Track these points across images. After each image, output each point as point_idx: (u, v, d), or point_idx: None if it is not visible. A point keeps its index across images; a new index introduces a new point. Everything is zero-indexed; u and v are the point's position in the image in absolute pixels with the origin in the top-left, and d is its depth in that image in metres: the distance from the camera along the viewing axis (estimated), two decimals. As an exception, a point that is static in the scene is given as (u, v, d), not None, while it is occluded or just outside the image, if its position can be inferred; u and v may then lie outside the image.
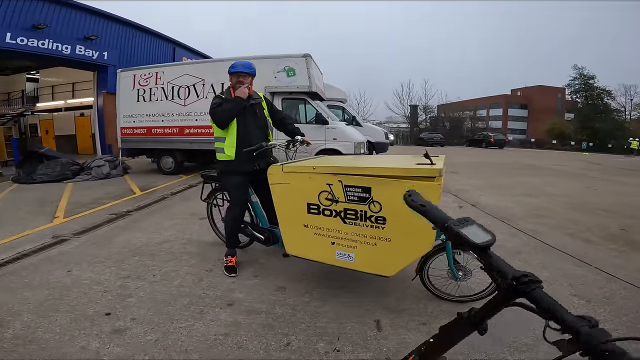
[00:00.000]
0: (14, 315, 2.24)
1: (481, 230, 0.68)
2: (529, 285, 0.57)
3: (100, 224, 4.30)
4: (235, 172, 2.79)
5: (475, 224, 0.69)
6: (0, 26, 9.94)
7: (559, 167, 12.64)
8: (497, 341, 1.96)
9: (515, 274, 0.59)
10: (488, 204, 5.68)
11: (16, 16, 10.38)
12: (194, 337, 2.04)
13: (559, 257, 3.36)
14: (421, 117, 39.63)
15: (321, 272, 2.88)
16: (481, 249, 0.65)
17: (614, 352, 0.45)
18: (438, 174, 1.96)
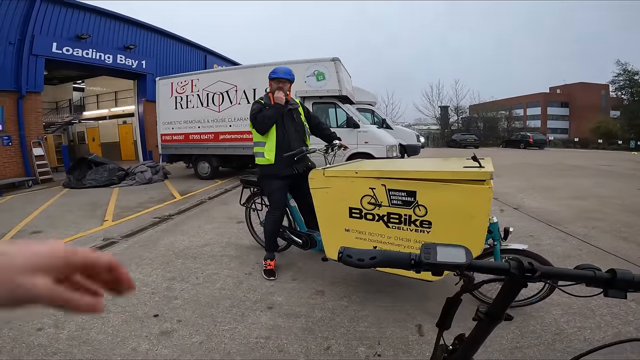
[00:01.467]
0: (69, 317, 2.36)
1: (451, 248, 0.64)
2: (536, 270, 0.62)
3: (145, 227, 4.53)
4: (275, 177, 2.84)
5: (438, 245, 0.65)
6: (46, 36, 10.75)
7: (607, 167, 11.77)
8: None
9: (514, 265, 0.63)
10: (532, 206, 5.39)
11: (60, 26, 11.18)
12: (237, 340, 2.09)
13: (613, 261, 3.13)
14: (452, 118, 38.40)
15: (359, 276, 2.86)
16: (470, 266, 0.63)
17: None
18: (489, 177, 1.89)
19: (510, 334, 2.06)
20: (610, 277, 0.59)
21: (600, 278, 0.60)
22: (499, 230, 2.15)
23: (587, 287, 0.63)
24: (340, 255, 0.68)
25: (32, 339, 2.14)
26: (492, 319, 0.73)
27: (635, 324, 2.14)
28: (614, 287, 0.59)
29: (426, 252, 0.64)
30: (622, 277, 0.58)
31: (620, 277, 0.58)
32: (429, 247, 0.65)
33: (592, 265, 0.62)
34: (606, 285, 0.60)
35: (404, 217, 2.17)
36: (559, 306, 2.33)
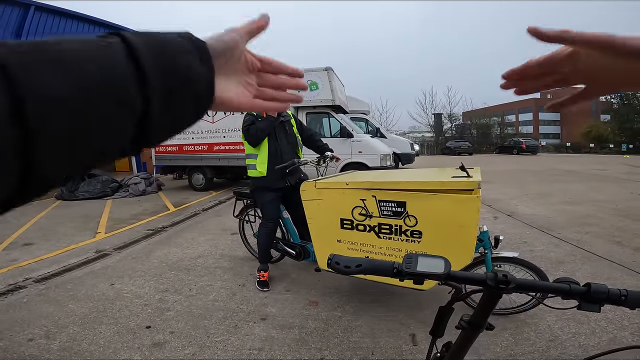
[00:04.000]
0: (60, 328, 2.36)
1: (431, 259, 0.66)
2: (509, 282, 0.64)
3: (138, 239, 4.50)
4: (268, 189, 2.85)
5: (420, 256, 0.67)
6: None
7: (600, 171, 11.92)
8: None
9: (491, 277, 0.65)
10: (525, 213, 5.43)
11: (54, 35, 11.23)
12: (230, 352, 2.07)
13: (607, 266, 3.16)
14: (446, 126, 38.79)
15: (353, 286, 2.85)
16: (449, 276, 0.65)
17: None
18: (476, 187, 1.92)
19: (505, 342, 2.06)
20: (585, 290, 0.60)
21: (575, 291, 0.61)
22: (489, 239, 2.17)
23: (564, 300, 0.64)
24: (329, 262, 0.71)
25: (23, 349, 2.13)
26: (474, 328, 0.75)
27: (631, 329, 2.15)
28: (589, 301, 0.60)
29: (408, 262, 0.66)
30: (596, 291, 0.59)
31: (595, 292, 0.59)
32: (411, 257, 0.67)
33: (569, 279, 0.64)
34: (581, 298, 0.61)
35: (395, 228, 2.18)
36: (552, 312, 2.33)
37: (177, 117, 0.30)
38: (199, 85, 0.31)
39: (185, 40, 0.31)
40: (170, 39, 0.30)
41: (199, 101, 0.32)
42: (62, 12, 11.48)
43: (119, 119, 0.25)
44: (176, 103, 0.29)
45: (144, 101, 0.26)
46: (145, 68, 0.26)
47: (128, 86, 0.25)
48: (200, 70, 0.31)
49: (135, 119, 0.26)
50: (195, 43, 0.32)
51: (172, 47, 0.29)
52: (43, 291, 2.98)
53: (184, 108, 0.30)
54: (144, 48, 0.27)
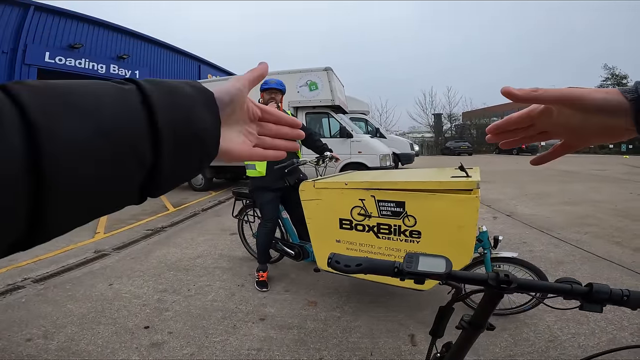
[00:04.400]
0: (59, 328, 2.36)
1: (432, 258, 0.66)
2: (511, 282, 0.63)
3: (137, 239, 4.49)
4: (267, 189, 2.84)
5: (421, 255, 0.67)
6: (39, 45, 10.73)
7: (599, 171, 11.92)
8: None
9: (492, 277, 0.65)
10: (525, 213, 5.43)
11: (53, 36, 11.19)
12: (228, 352, 2.06)
13: (607, 266, 3.16)
14: (446, 126, 38.76)
15: (352, 286, 2.85)
16: (450, 276, 0.65)
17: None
18: (475, 187, 1.91)
19: (504, 342, 2.05)
20: (587, 291, 0.60)
21: (577, 292, 0.61)
22: (488, 239, 2.17)
23: (565, 300, 0.63)
24: (329, 261, 0.71)
25: (21, 349, 2.13)
26: (475, 328, 0.75)
27: (630, 329, 2.14)
28: (591, 301, 0.60)
29: (408, 261, 0.66)
30: (598, 291, 0.59)
31: (597, 292, 0.59)
32: (412, 256, 0.67)
33: (571, 279, 0.63)
34: (583, 299, 0.60)
35: (394, 228, 2.18)
36: (552, 313, 2.33)
37: (184, 170, 0.30)
38: (207, 139, 0.31)
39: (195, 90, 0.31)
40: (181, 89, 0.30)
41: (206, 154, 0.32)
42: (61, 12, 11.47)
43: (130, 173, 0.25)
44: (185, 156, 0.29)
45: (155, 154, 0.26)
46: (159, 124, 0.26)
47: (141, 138, 0.25)
48: (208, 123, 0.31)
49: (144, 172, 0.26)
50: (204, 94, 0.32)
51: (183, 99, 0.29)
52: (41, 291, 2.97)
53: (191, 161, 0.30)
54: (157, 98, 0.27)
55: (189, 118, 0.29)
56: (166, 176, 0.28)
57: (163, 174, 0.27)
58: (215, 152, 0.33)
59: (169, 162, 0.27)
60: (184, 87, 0.30)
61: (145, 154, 0.25)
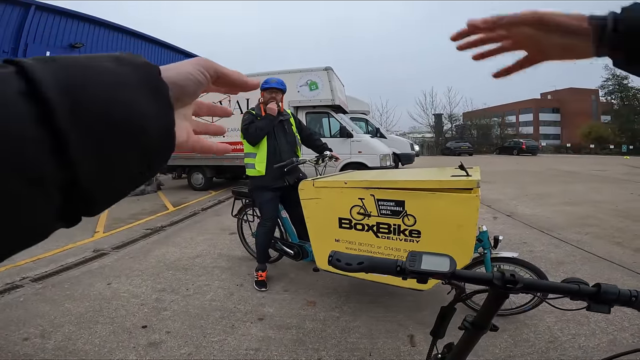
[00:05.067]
0: (56, 327, 2.34)
1: (436, 257, 0.65)
2: (517, 282, 0.62)
3: (137, 239, 4.47)
4: (266, 188, 2.83)
5: (424, 253, 0.65)
6: (39, 45, 10.74)
7: (600, 172, 11.90)
8: None
9: (498, 276, 0.63)
10: (525, 213, 5.41)
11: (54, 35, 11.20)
12: (226, 352, 2.05)
13: (608, 267, 3.14)
14: (446, 126, 38.76)
15: (351, 286, 2.83)
16: (454, 275, 0.64)
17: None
18: (475, 186, 1.90)
19: (504, 343, 2.04)
20: (595, 291, 0.58)
21: (585, 292, 0.59)
22: (488, 239, 2.15)
23: (572, 300, 0.62)
24: (330, 259, 0.69)
25: (18, 348, 2.12)
26: (478, 329, 0.73)
27: (631, 330, 2.13)
28: (599, 302, 0.58)
29: (412, 260, 0.65)
30: (607, 291, 0.58)
31: (605, 292, 0.58)
32: (415, 255, 0.65)
33: (578, 279, 0.62)
34: (590, 299, 0.59)
35: (393, 227, 2.16)
36: (552, 313, 2.32)
37: (123, 176, 0.22)
38: (151, 130, 0.23)
39: (124, 65, 0.23)
40: (97, 65, 0.22)
41: (152, 153, 0.23)
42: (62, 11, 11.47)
43: (23, 199, 0.17)
44: (119, 158, 0.21)
45: (62, 163, 0.18)
46: (59, 120, 0.18)
47: (29, 145, 0.17)
48: (150, 109, 0.23)
49: (53, 193, 0.19)
50: (143, 69, 0.23)
51: (100, 78, 0.21)
52: (40, 290, 2.96)
53: (132, 163, 0.22)
54: (52, 82, 0.19)
55: (113, 104, 0.21)
56: (95, 188, 0.20)
57: (88, 186, 0.20)
58: (169, 146, 0.25)
59: (91, 170, 0.20)
60: (103, 63, 0.22)
61: (43, 166, 0.18)
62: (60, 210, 0.20)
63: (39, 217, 0.19)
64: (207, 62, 0.31)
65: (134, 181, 0.24)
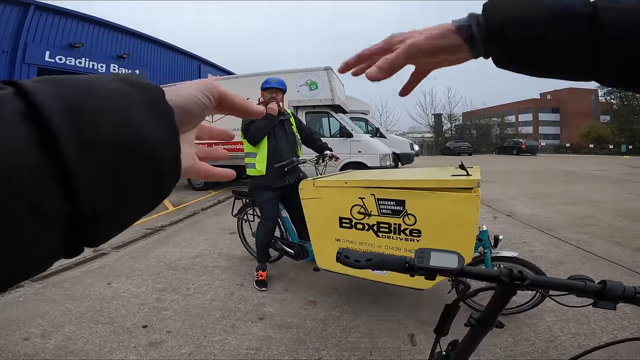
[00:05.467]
0: (56, 327, 2.34)
1: (444, 254, 0.65)
2: (525, 278, 0.63)
3: (137, 239, 4.48)
4: (267, 188, 2.83)
5: (432, 250, 0.66)
6: (39, 44, 10.71)
7: (599, 172, 11.92)
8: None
9: (505, 273, 0.64)
10: (525, 213, 5.42)
11: (53, 35, 11.18)
12: (227, 351, 2.05)
13: (607, 267, 3.15)
14: (446, 126, 38.80)
15: (351, 286, 2.84)
16: (462, 272, 0.64)
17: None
18: (476, 185, 1.90)
19: (504, 342, 2.04)
20: (601, 288, 0.59)
21: (591, 289, 0.60)
22: (489, 238, 2.15)
23: (578, 297, 0.62)
24: (339, 256, 0.71)
25: (19, 348, 2.11)
26: (484, 326, 0.74)
27: (631, 329, 2.13)
28: (604, 299, 0.59)
29: (420, 257, 0.65)
30: (612, 288, 0.58)
31: (611, 289, 0.58)
32: (423, 251, 0.66)
33: (583, 276, 0.62)
34: (596, 296, 0.59)
35: (394, 226, 2.16)
36: (552, 312, 2.32)
37: (132, 205, 0.21)
38: (161, 155, 0.21)
39: (131, 87, 0.22)
40: (101, 85, 0.20)
41: (161, 182, 0.22)
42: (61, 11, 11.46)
43: (23, 225, 0.16)
44: (126, 186, 0.20)
45: (67, 193, 0.17)
46: (60, 138, 0.16)
47: (31, 174, 0.16)
48: (158, 134, 0.21)
49: (55, 222, 0.17)
50: (149, 92, 0.22)
51: (107, 100, 0.19)
52: (40, 290, 2.96)
53: (141, 190, 0.21)
54: (54, 105, 0.17)
55: (124, 130, 0.19)
56: (101, 219, 0.19)
57: (94, 217, 0.18)
58: (176, 172, 0.24)
59: (98, 200, 0.18)
60: (110, 84, 0.20)
61: (44, 193, 0.16)
62: (62, 240, 0.18)
63: (39, 245, 0.17)
64: (212, 85, 0.30)
65: (141, 210, 0.22)
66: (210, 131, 0.37)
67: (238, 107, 0.33)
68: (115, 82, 0.21)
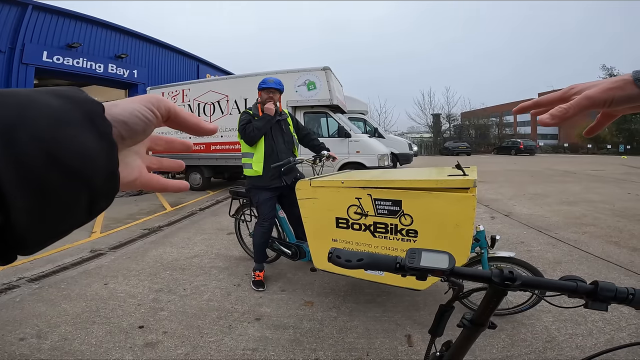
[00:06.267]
0: (52, 327, 2.33)
1: (435, 254, 0.65)
2: (515, 279, 0.62)
3: (134, 239, 4.46)
4: (264, 188, 2.82)
5: (423, 250, 0.66)
6: (36, 44, 10.66)
7: (597, 172, 11.94)
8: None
9: (496, 273, 0.64)
10: (523, 213, 5.43)
11: (51, 35, 11.10)
12: (223, 352, 2.04)
13: (605, 267, 3.15)
14: (444, 126, 38.85)
15: (349, 286, 2.83)
16: (453, 272, 0.64)
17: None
18: (472, 185, 1.90)
19: (501, 343, 2.04)
20: (593, 289, 0.58)
21: (582, 290, 0.59)
22: (485, 238, 2.15)
23: (570, 298, 0.62)
24: (330, 256, 0.70)
25: (14, 348, 2.11)
26: (476, 327, 0.73)
27: (628, 330, 2.13)
28: (596, 300, 0.58)
29: (411, 257, 0.65)
30: (604, 289, 0.58)
31: (603, 290, 0.58)
32: (414, 252, 0.66)
33: (575, 277, 0.62)
34: (588, 297, 0.59)
35: (390, 227, 2.16)
36: (549, 313, 2.32)
37: (63, 219, 0.21)
38: (94, 171, 0.21)
39: (66, 102, 0.22)
40: (37, 101, 0.20)
41: (95, 195, 0.22)
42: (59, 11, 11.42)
43: None
44: (57, 204, 0.20)
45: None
46: None
47: None
48: (94, 148, 0.21)
49: None
50: (85, 106, 0.22)
51: (39, 114, 0.19)
52: (36, 290, 2.94)
53: (72, 205, 0.21)
54: None
55: (56, 143, 0.19)
56: (30, 233, 0.19)
57: (22, 231, 0.19)
58: (113, 187, 0.24)
59: (27, 215, 0.19)
60: (43, 98, 0.20)
61: None
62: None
63: None
64: (159, 99, 0.29)
65: (73, 224, 0.22)
66: (167, 142, 0.36)
67: (188, 124, 0.32)
68: (53, 97, 0.21)
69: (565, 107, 0.45)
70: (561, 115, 0.45)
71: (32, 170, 0.18)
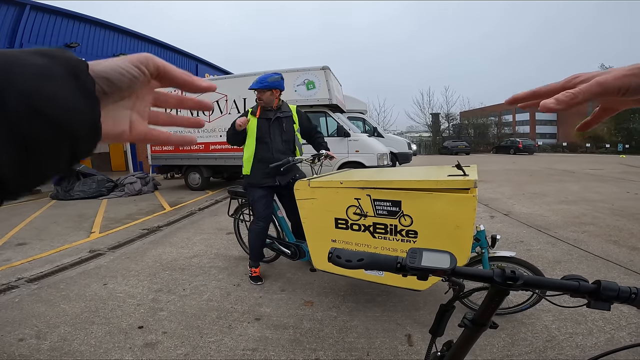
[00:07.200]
0: (52, 328, 2.33)
1: (436, 253, 0.64)
2: (517, 279, 0.62)
3: (133, 239, 4.45)
4: (257, 186, 2.82)
5: (424, 250, 0.65)
6: (34, 44, 10.63)
7: (596, 171, 11.96)
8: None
9: (498, 273, 0.63)
10: (522, 212, 5.43)
11: (49, 35, 11.07)
12: (223, 352, 2.04)
13: (604, 266, 3.15)
14: (444, 126, 38.86)
15: (348, 286, 2.83)
16: (454, 272, 0.63)
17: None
18: (473, 185, 1.89)
19: (501, 342, 2.04)
20: (595, 288, 0.58)
21: (584, 289, 0.59)
22: (486, 238, 2.15)
23: (572, 297, 0.62)
24: (330, 256, 0.69)
25: (13, 349, 2.10)
26: (478, 326, 0.73)
27: (628, 329, 2.13)
28: (599, 299, 0.58)
29: (412, 257, 0.64)
30: (607, 288, 0.57)
31: (605, 289, 0.57)
32: (415, 251, 0.65)
33: (578, 276, 0.62)
34: (590, 296, 0.59)
35: (390, 227, 2.15)
36: (550, 312, 2.32)
37: (44, 166, 0.22)
38: (75, 123, 0.23)
39: (49, 59, 0.23)
40: (22, 58, 0.21)
41: (77, 145, 0.24)
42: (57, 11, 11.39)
43: None
44: (40, 149, 0.21)
45: None
46: None
47: None
48: (75, 102, 0.23)
49: None
50: (69, 63, 0.23)
51: (23, 70, 0.21)
52: (35, 291, 2.94)
53: (54, 154, 0.23)
54: None
55: (39, 96, 0.21)
56: (13, 179, 0.21)
57: (5, 178, 0.20)
58: (95, 138, 0.25)
59: (10, 163, 0.20)
60: (27, 56, 0.22)
61: None
62: None
63: None
64: (148, 57, 0.30)
65: (59, 167, 0.24)
66: (178, 100, 0.37)
67: (179, 81, 0.33)
68: (38, 56, 0.22)
69: (574, 92, 0.41)
70: (568, 100, 0.41)
71: (18, 125, 0.20)
